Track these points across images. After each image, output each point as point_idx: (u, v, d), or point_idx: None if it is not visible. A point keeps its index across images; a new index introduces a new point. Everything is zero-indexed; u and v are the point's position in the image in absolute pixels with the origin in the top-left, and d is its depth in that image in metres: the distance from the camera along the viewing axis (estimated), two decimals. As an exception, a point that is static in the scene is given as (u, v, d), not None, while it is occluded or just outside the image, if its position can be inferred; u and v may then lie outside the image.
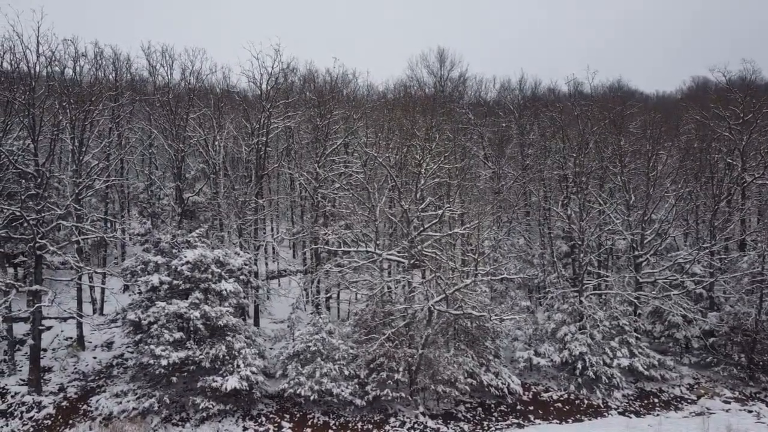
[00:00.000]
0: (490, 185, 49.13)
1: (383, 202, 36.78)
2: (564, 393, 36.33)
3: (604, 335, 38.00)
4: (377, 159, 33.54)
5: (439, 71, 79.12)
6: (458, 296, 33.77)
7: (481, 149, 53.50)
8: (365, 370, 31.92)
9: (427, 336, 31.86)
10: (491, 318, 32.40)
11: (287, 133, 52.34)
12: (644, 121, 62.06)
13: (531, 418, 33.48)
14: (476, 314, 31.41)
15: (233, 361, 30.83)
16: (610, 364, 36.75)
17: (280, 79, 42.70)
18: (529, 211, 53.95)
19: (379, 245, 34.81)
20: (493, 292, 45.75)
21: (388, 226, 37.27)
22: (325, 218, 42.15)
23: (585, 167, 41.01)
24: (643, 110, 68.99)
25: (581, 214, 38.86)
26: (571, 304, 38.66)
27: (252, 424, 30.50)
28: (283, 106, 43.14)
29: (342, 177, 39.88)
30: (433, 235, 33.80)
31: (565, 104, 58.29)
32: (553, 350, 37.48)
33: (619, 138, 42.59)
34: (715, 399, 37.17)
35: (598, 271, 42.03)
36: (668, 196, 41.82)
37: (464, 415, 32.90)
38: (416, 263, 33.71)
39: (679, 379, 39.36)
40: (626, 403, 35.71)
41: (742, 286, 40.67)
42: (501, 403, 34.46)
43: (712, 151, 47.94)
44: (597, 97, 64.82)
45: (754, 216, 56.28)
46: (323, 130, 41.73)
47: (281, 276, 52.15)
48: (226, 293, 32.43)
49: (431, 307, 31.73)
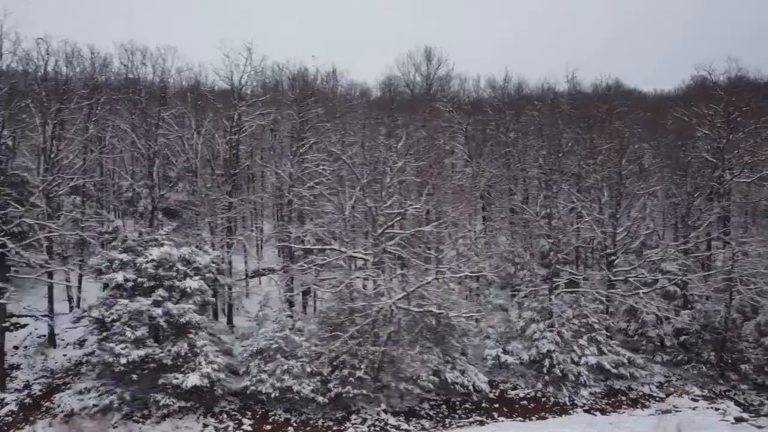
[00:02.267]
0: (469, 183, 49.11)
1: (353, 200, 36.86)
2: (531, 391, 36.36)
3: (573, 333, 38.01)
4: (341, 157, 33.61)
5: (426, 70, 79.13)
6: (423, 294, 33.88)
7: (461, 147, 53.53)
8: (328, 367, 32.02)
9: (389, 334, 31.96)
10: (449, 315, 32.40)
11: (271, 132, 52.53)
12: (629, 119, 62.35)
13: (495, 416, 33.56)
14: (435, 312, 31.45)
15: (195, 359, 30.93)
16: (578, 362, 36.76)
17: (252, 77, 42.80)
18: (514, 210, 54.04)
19: (346, 243, 34.89)
20: (468, 290, 45.96)
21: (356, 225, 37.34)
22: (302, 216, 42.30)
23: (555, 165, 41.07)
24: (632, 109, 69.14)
25: (551, 213, 38.90)
26: (541, 302, 38.70)
27: (213, 421, 30.64)
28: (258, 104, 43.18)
29: (312, 176, 39.97)
30: (398, 233, 33.87)
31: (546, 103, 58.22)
32: (521, 348, 37.49)
33: (591, 136, 42.58)
34: (684, 397, 37.13)
35: (566, 269, 42.04)
36: (640, 193, 41.80)
37: (427, 412, 32.98)
38: (380, 261, 33.75)
39: (649, 377, 39.34)
40: (593, 401, 35.73)
41: (715, 285, 40.67)
42: (466, 400, 34.51)
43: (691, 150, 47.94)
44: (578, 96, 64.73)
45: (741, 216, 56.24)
46: (297, 128, 41.84)
47: (262, 274, 52.21)
48: (190, 291, 32.51)
49: (393, 304, 31.80)
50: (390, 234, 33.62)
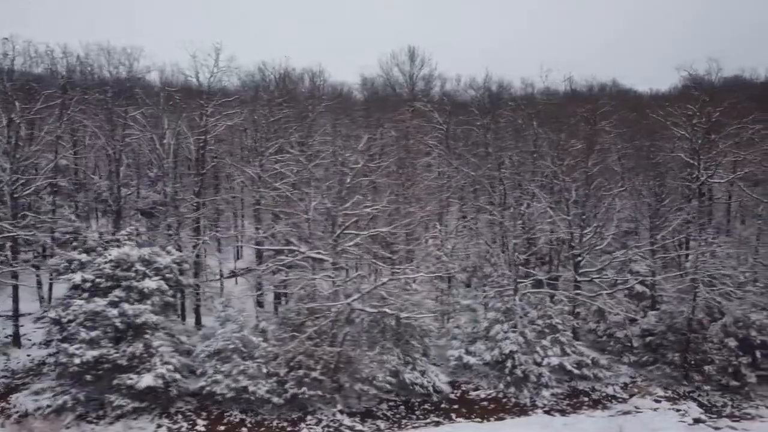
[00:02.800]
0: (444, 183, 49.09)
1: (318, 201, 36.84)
2: (493, 392, 36.34)
3: (537, 334, 37.99)
4: (298, 158, 33.65)
5: (410, 70, 79.14)
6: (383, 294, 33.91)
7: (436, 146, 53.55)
8: (285, 368, 32.03)
9: (345, 334, 31.98)
10: (401, 315, 32.41)
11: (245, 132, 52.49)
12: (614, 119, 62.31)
13: (452, 417, 33.56)
14: (389, 312, 31.47)
15: (151, 359, 30.97)
16: (540, 362, 36.73)
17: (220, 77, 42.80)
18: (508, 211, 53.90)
19: (309, 244, 34.90)
20: (440, 291, 45.88)
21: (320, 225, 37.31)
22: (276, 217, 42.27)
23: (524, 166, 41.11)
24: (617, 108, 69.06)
25: (516, 213, 38.92)
26: (505, 302, 38.69)
27: (167, 421, 30.67)
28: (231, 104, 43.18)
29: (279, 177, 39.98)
30: (357, 234, 33.89)
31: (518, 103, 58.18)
32: (485, 349, 37.46)
33: (560, 136, 42.59)
34: (647, 398, 37.11)
35: (532, 270, 42.06)
36: (607, 194, 41.82)
37: (385, 413, 33.00)
38: (339, 262, 33.73)
39: (614, 378, 39.30)
40: (554, 402, 35.69)
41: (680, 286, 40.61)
42: (426, 401, 34.51)
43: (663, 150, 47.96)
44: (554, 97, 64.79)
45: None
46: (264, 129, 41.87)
47: (238, 275, 52.35)
48: (148, 291, 32.56)
49: (349, 305, 31.81)
50: (349, 235, 33.61)
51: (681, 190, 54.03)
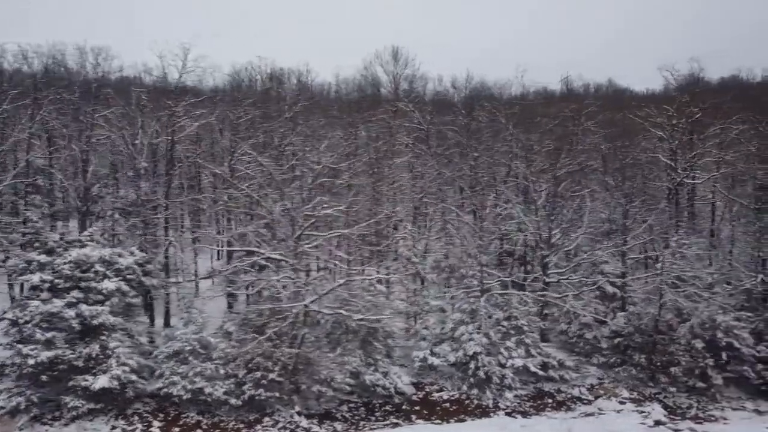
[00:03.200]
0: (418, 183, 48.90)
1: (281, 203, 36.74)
2: (456, 393, 36.27)
3: (503, 335, 37.88)
4: (257, 159, 33.55)
5: (394, 69, 79.02)
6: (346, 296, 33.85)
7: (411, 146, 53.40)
8: (243, 369, 31.95)
9: (302, 336, 31.88)
10: (355, 318, 32.32)
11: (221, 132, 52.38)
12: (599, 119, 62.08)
13: (413, 418, 33.48)
14: (345, 314, 31.37)
15: (107, 360, 30.90)
16: (504, 364, 36.64)
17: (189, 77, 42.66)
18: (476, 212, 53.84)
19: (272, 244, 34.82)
20: (408, 292, 45.77)
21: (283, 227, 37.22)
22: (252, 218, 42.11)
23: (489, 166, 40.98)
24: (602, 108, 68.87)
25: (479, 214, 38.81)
26: (471, 303, 38.60)
27: (122, 423, 30.61)
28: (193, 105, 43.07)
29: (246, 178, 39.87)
30: (318, 235, 33.78)
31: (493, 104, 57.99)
32: (449, 350, 37.40)
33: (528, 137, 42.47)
34: (612, 400, 37.01)
35: (494, 271, 41.94)
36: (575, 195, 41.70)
37: (344, 414, 32.93)
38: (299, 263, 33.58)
39: (582, 379, 39.25)
40: (517, 404, 35.59)
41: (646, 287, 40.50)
42: (388, 402, 34.45)
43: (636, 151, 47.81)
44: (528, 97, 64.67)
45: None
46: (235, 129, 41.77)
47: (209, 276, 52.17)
48: (107, 292, 32.48)
49: (305, 306, 31.70)
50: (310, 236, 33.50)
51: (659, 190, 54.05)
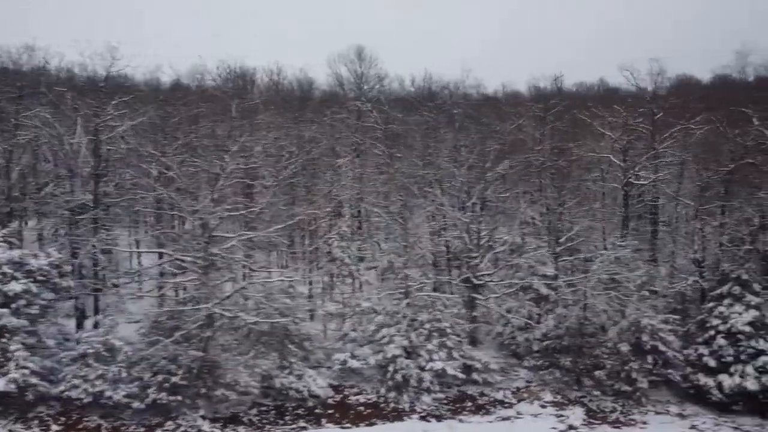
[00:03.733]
0: (355, 184, 48.60)
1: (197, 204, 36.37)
2: (375, 396, 35.91)
3: (426, 337, 37.46)
4: (161, 159, 33.21)
5: (359, 69, 78.63)
6: (261, 299, 33.58)
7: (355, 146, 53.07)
8: (149, 372, 31.62)
9: (208, 338, 31.53)
10: (250, 320, 31.97)
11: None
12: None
13: (323, 422, 33.13)
14: (245, 317, 30.99)
15: (7, 364, 30.56)
16: (424, 367, 36.24)
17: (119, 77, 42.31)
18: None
19: (185, 247, 34.51)
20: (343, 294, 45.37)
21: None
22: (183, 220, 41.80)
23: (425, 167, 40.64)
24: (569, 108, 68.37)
25: (405, 215, 38.48)
26: (394, 305, 38.23)
27: (21, 426, 30.28)
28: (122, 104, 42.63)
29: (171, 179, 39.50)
30: (226, 236, 33.43)
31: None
32: (371, 353, 37.05)
33: (457, 137, 42.11)
34: (534, 404, 36.66)
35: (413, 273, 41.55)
36: (504, 197, 41.34)
37: (251, 418, 32.56)
38: (210, 265, 33.18)
39: (508, 382, 38.89)
40: (434, 407, 35.17)
41: (581, 288, 40.08)
42: (301, 406, 34.08)
43: (573, 151, 47.43)
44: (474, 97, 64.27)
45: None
46: (162, 130, 41.44)
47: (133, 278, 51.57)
48: (12, 294, 32.13)
49: (209, 309, 31.34)
50: (220, 237, 33.16)
51: (606, 191, 53.70)
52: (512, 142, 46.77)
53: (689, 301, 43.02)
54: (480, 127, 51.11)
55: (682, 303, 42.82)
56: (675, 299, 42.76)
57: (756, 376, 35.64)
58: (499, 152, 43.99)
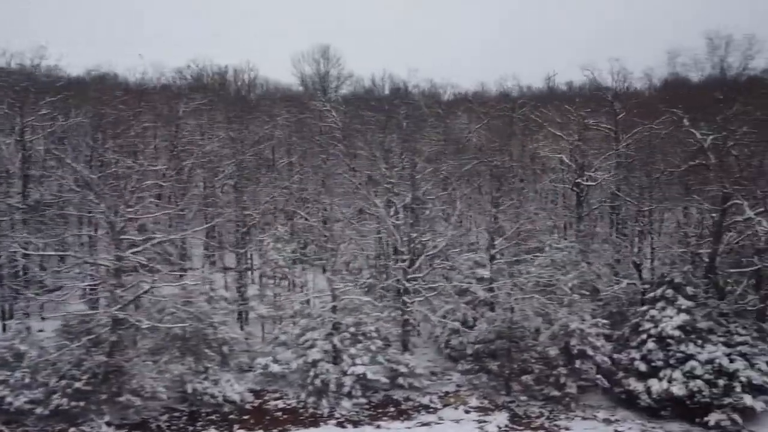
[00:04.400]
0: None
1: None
2: (295, 402, 35.37)
3: (350, 341, 36.85)
4: (64, 160, 32.59)
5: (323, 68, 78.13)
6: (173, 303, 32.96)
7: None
8: (55, 377, 31.02)
9: (113, 343, 30.93)
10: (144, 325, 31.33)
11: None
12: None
13: (235, 428, 32.53)
14: (145, 322, 30.36)
15: None
16: (346, 371, 35.65)
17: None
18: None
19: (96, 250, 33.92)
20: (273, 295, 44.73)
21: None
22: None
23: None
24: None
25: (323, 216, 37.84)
26: (321, 308, 37.63)
27: None
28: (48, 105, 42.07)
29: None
30: (135, 239, 32.79)
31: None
32: (293, 357, 36.47)
33: (385, 136, 41.48)
34: (459, 409, 36.11)
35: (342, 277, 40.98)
36: (435, 198, 40.71)
37: (161, 425, 31.99)
38: (121, 269, 32.55)
39: (438, 386, 38.40)
40: (354, 413, 34.55)
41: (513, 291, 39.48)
42: (217, 411, 33.50)
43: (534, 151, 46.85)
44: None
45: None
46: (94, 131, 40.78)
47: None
48: None
49: (115, 312, 30.74)
50: (132, 241, 32.53)
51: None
52: (456, 142, 46.03)
53: (630, 304, 42.43)
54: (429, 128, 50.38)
55: (620, 306, 42.26)
56: (612, 303, 42.23)
57: (683, 381, 35.03)
58: (438, 153, 43.33)
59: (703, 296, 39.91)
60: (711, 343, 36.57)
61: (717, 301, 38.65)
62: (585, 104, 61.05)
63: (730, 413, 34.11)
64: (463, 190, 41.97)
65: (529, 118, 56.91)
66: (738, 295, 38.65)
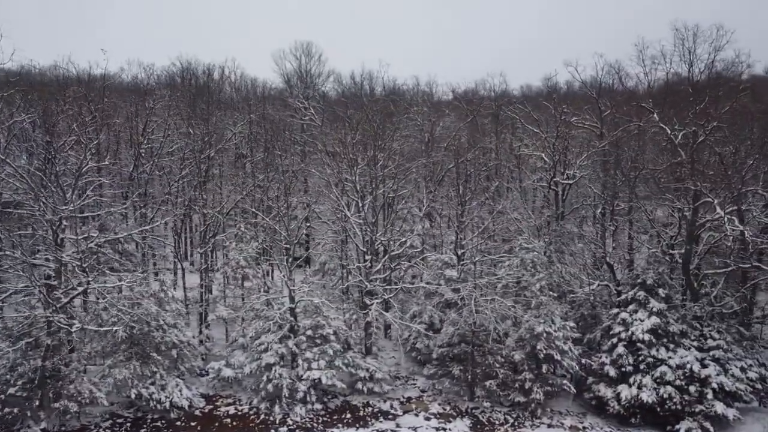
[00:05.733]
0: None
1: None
2: (247, 407, 33.97)
3: (307, 345, 35.43)
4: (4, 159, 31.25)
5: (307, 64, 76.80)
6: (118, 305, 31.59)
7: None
8: (-9, 382, 29.71)
9: (48, 346, 29.56)
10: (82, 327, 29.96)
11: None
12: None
13: (178, 436, 31.18)
14: (74, 327, 28.92)
15: None
16: (301, 376, 34.24)
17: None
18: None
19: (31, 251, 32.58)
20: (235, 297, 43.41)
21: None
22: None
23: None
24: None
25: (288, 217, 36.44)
26: (276, 310, 36.19)
27: None
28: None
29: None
30: (75, 238, 31.45)
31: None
32: (247, 360, 35.06)
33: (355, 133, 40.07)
34: (420, 415, 34.60)
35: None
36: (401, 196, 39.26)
37: (101, 431, 30.63)
38: (63, 267, 31.17)
39: (401, 391, 37.04)
40: (308, 419, 33.14)
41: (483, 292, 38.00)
42: (163, 418, 32.12)
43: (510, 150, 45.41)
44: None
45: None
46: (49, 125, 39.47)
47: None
48: None
49: (49, 316, 29.35)
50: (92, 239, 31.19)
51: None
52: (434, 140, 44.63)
53: (604, 306, 40.94)
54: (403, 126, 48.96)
55: (593, 309, 40.77)
56: (585, 305, 40.74)
57: (654, 387, 33.56)
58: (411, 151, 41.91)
59: (678, 298, 38.56)
60: (683, 347, 35.11)
61: (691, 304, 37.08)
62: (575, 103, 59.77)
63: (701, 421, 32.65)
64: (430, 188, 40.41)
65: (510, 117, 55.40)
66: (714, 297, 37.12)
